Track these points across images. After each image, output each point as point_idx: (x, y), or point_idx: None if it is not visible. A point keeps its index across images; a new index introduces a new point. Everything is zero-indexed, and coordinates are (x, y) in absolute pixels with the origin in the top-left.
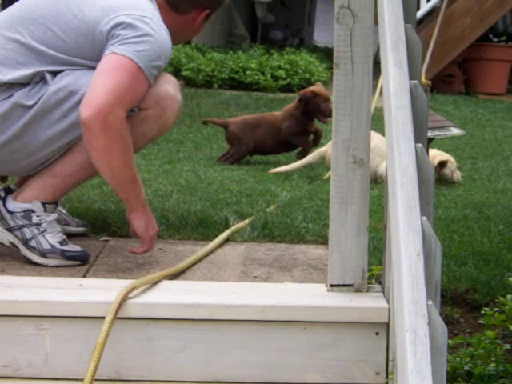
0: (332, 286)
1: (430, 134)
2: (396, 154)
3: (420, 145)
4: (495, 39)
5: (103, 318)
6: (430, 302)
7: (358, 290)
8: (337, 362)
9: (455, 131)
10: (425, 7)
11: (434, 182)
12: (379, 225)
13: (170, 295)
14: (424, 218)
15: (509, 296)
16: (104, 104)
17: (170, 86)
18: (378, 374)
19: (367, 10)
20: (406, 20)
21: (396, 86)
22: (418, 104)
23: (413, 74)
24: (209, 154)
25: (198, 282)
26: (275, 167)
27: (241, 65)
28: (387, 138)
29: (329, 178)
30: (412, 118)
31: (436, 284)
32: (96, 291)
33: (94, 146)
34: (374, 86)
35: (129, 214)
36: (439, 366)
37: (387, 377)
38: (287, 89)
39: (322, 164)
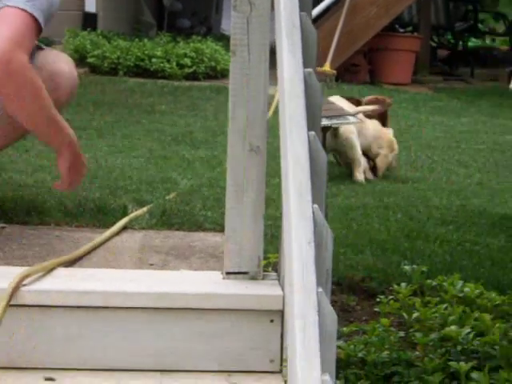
0: (228, 273)
1: (327, 122)
2: (289, 142)
3: (313, 133)
4: (401, 29)
5: None
6: (320, 290)
7: (254, 278)
8: (232, 349)
9: (352, 120)
10: None
11: (327, 170)
12: (278, 213)
13: (65, 282)
14: (316, 205)
15: (403, 284)
16: (3, 51)
17: (63, 64)
18: (272, 361)
19: None
20: (302, 8)
21: (290, 74)
22: (311, 92)
23: (307, 62)
24: (111, 141)
25: (94, 270)
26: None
27: (146, 52)
28: (281, 125)
29: None
30: (305, 106)
31: (327, 272)
32: None
33: (4, 93)
34: (274, 75)
35: (57, 156)
36: (329, 353)
37: (281, 364)
38: (193, 77)
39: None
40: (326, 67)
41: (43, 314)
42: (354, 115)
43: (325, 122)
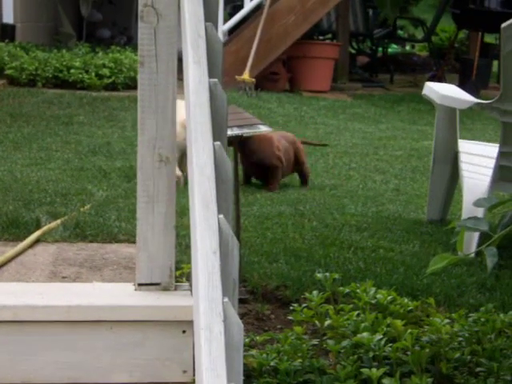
0: (140, 285)
1: (238, 131)
2: (194, 152)
3: (218, 143)
4: (320, 37)
5: None
6: (226, 300)
7: (166, 289)
8: (144, 360)
9: (263, 128)
10: (249, 5)
11: (233, 179)
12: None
13: None
14: (221, 215)
15: (315, 292)
16: None
17: None
18: (185, 372)
19: (171, 9)
20: (207, 18)
21: (195, 84)
22: (217, 102)
23: (213, 72)
24: (28, 153)
25: (5, 284)
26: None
27: (65, 63)
28: (187, 135)
29: None
30: (211, 116)
31: (234, 281)
32: None
33: None
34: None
35: None
36: (235, 363)
37: (194, 374)
38: (112, 87)
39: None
40: (246, 75)
41: None
42: (264, 124)
43: (236, 132)
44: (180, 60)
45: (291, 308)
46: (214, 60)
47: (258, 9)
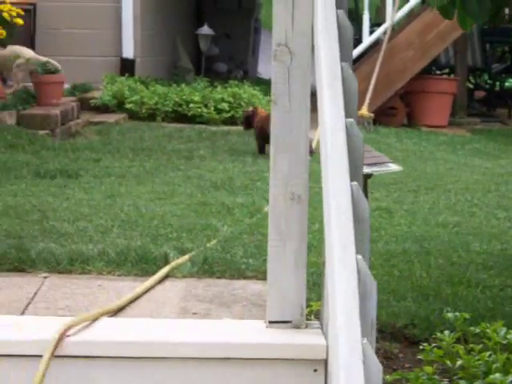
0: (271, 322)
1: (368, 170)
2: (331, 192)
3: (355, 183)
4: (438, 72)
5: (40, 356)
6: (365, 341)
7: (297, 327)
8: None
9: (393, 167)
10: (367, 40)
11: (369, 219)
12: (319, 259)
13: (108, 333)
14: (359, 256)
15: (446, 332)
16: None
17: None
18: None
19: (305, 48)
20: (343, 58)
21: (332, 125)
22: (353, 142)
23: (348, 111)
24: (151, 188)
25: (137, 320)
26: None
27: (184, 97)
28: (323, 176)
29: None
30: (347, 156)
31: (371, 322)
32: (34, 329)
33: None
34: (315, 119)
35: None
36: None
37: None
38: (230, 121)
39: (263, 197)
40: (364, 110)
41: (87, 365)
42: (393, 162)
43: (366, 170)
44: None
45: (420, 347)
46: (349, 100)
47: (376, 44)
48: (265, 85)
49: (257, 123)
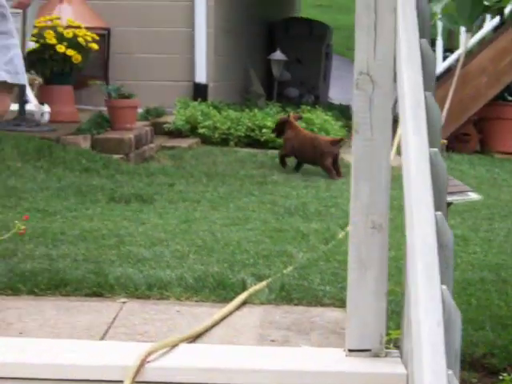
0: (350, 350)
1: (448, 198)
2: (416, 222)
3: (440, 213)
4: (510, 98)
5: (121, 382)
6: (451, 372)
7: (376, 355)
8: None
9: (473, 196)
10: (440, 66)
11: (453, 249)
12: (397, 287)
13: (189, 359)
14: (444, 286)
15: None
16: None
17: None
18: None
19: (387, 76)
20: (426, 87)
21: (416, 155)
22: (437, 172)
23: (432, 141)
24: (225, 213)
25: (216, 346)
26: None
27: (257, 123)
28: (406, 205)
29: (344, 237)
30: (431, 185)
31: (456, 353)
32: (114, 354)
33: None
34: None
35: None
36: None
37: None
38: None
39: (337, 223)
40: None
41: None
42: (473, 190)
43: (447, 199)
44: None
45: (500, 377)
46: (433, 129)
47: (449, 70)
48: (336, 110)
49: (288, 135)
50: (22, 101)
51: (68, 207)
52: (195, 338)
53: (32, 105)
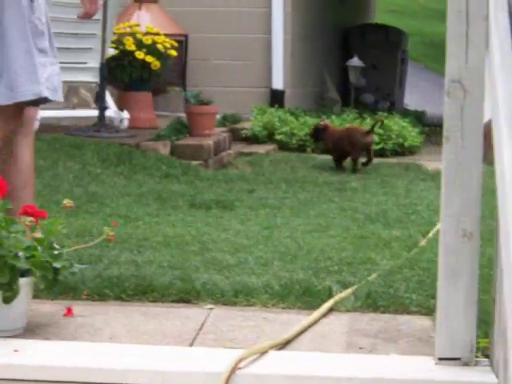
0: (440, 359)
1: None
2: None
3: None
4: None
5: None
6: None
7: (466, 364)
8: None
9: None
10: None
11: None
12: (483, 296)
13: (279, 366)
14: None
15: None
16: None
17: None
18: None
19: (478, 85)
20: None
21: (511, 162)
22: None
23: None
24: (306, 220)
25: (305, 353)
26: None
27: None
28: (501, 213)
29: (426, 245)
30: None
31: None
32: (204, 361)
33: None
34: None
35: None
36: None
37: None
38: (380, 154)
39: (419, 230)
40: None
41: None
42: None
43: None
44: None
45: None
46: None
47: None
48: (412, 116)
49: (329, 139)
50: (102, 107)
51: (149, 213)
52: (284, 345)
53: (111, 111)
